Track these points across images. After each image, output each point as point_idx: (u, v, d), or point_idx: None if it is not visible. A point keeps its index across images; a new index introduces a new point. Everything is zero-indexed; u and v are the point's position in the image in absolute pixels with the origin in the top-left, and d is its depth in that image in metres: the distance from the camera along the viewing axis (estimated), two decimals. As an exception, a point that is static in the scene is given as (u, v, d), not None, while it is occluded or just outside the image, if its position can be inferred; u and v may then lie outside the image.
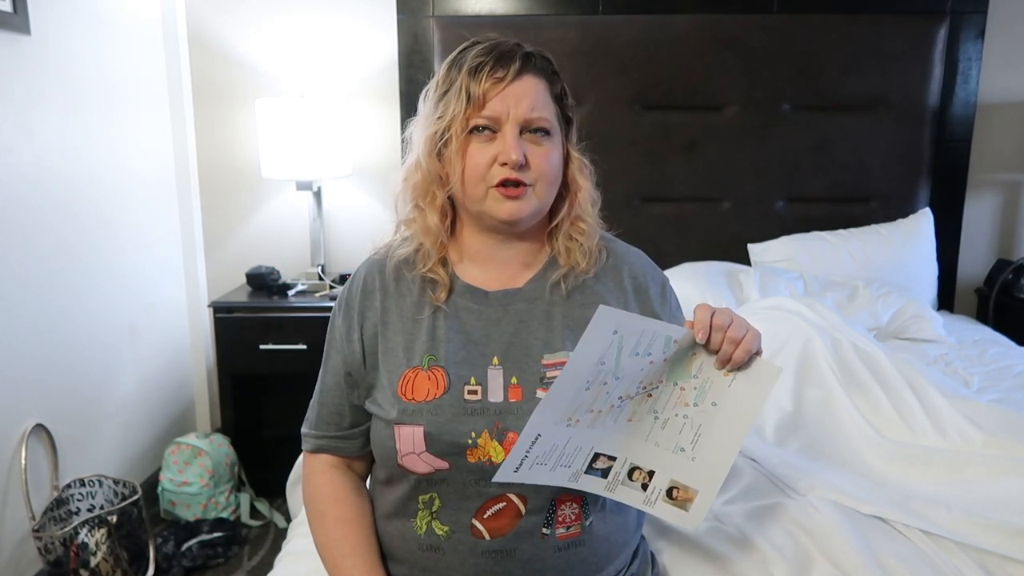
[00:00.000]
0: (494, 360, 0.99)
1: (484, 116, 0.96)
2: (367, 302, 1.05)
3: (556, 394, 0.86)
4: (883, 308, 2.24)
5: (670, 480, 0.94)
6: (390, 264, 1.06)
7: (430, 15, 2.54)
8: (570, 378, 0.86)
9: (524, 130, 0.97)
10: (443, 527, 0.98)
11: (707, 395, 0.92)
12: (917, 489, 1.40)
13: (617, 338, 0.85)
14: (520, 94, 0.96)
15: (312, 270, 2.63)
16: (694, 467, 0.93)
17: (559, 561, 0.98)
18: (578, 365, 0.85)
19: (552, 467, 0.90)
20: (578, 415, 0.89)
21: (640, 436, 0.92)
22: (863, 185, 2.60)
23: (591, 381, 0.87)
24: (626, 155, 2.56)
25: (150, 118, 2.53)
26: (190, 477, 2.37)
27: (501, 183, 0.96)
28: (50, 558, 1.94)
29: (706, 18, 2.52)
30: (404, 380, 0.99)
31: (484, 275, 1.05)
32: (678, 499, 0.93)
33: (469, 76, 0.96)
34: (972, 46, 2.52)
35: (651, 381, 0.91)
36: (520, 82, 0.96)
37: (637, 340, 0.87)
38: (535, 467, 0.89)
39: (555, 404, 0.87)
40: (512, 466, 0.88)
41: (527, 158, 0.96)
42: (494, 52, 0.97)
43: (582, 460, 0.92)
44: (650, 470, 0.93)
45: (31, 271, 1.99)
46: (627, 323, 0.86)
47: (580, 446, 0.91)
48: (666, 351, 0.89)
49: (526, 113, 0.96)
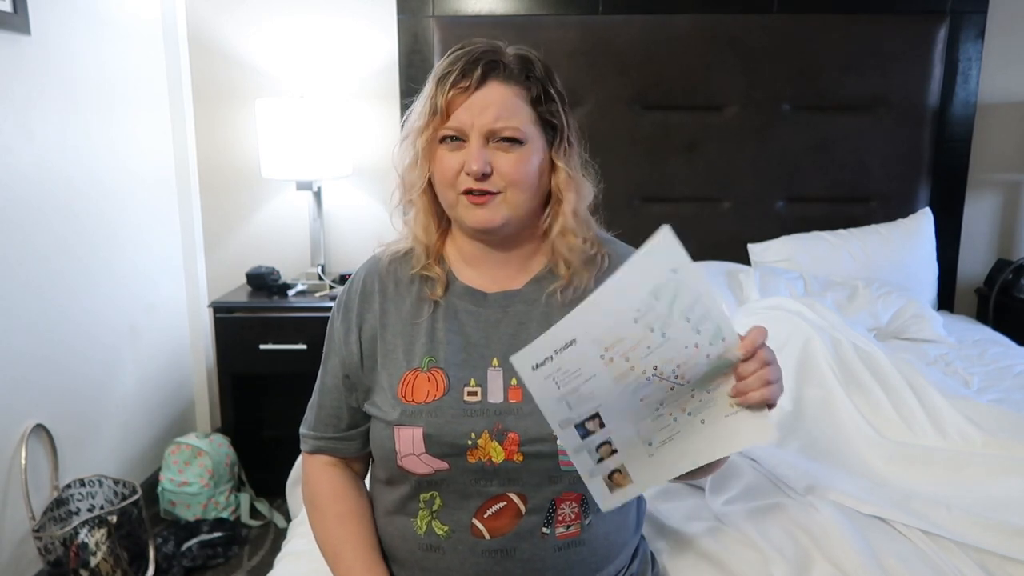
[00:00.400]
0: (494, 361, 0.99)
1: (450, 127, 0.96)
2: (366, 304, 1.05)
3: (604, 298, 0.82)
4: (883, 308, 2.24)
5: (621, 463, 0.91)
6: (389, 264, 1.06)
7: (430, 15, 2.54)
8: (621, 289, 0.82)
9: (491, 139, 0.95)
10: (443, 527, 0.99)
11: (703, 411, 0.89)
12: (917, 489, 1.40)
13: (675, 281, 0.81)
14: (485, 103, 0.94)
15: (312, 270, 2.63)
16: (647, 462, 0.91)
17: (559, 561, 0.98)
18: (631, 279, 0.81)
19: (560, 397, 0.86)
20: (615, 352, 0.84)
21: (634, 419, 0.89)
22: (863, 185, 2.60)
23: (640, 314, 0.82)
24: (626, 155, 2.56)
25: (150, 118, 2.53)
26: (190, 477, 2.37)
27: (467, 191, 0.96)
28: (50, 558, 1.94)
29: (706, 18, 2.52)
30: (404, 382, 0.99)
31: (481, 277, 1.04)
32: (614, 481, 0.91)
33: (436, 86, 0.96)
34: (972, 46, 2.52)
35: (684, 374, 0.86)
36: (484, 90, 0.95)
37: (692, 303, 0.82)
38: (549, 380, 0.84)
39: (602, 309, 0.82)
40: (534, 359, 0.84)
41: (494, 166, 0.95)
42: (460, 61, 0.95)
43: (583, 411, 0.88)
44: (614, 449, 0.90)
45: (31, 271, 1.99)
46: (687, 271, 0.81)
47: (593, 394, 0.86)
48: (712, 345, 0.85)
49: (490, 123, 0.94)
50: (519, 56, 0.98)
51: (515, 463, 0.95)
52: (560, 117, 1.00)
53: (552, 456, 0.95)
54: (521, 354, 0.84)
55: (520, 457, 0.95)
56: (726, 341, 0.86)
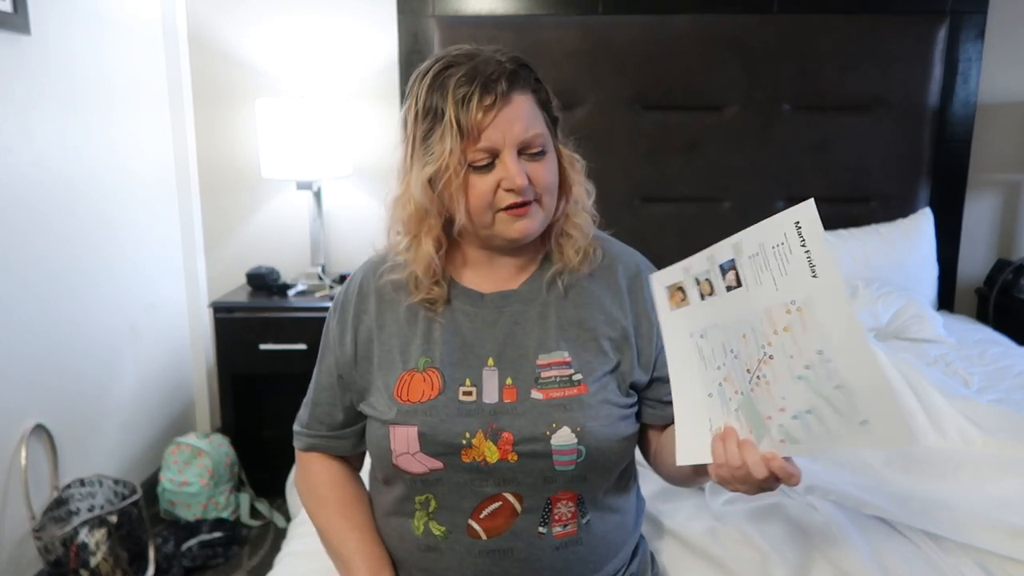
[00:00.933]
0: (489, 361, 0.99)
1: (481, 149, 0.92)
2: (362, 306, 1.05)
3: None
4: (883, 308, 2.24)
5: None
6: (387, 268, 1.05)
7: (430, 15, 2.54)
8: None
9: (522, 151, 0.95)
10: (440, 527, 0.99)
11: (713, 412, 0.86)
12: (917, 489, 1.40)
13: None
14: (512, 117, 0.93)
15: (312, 270, 2.63)
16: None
17: (557, 560, 0.98)
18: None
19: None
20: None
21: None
22: (863, 185, 2.60)
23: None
24: (626, 155, 2.56)
25: (150, 118, 2.53)
26: (190, 477, 2.37)
27: (508, 206, 0.95)
28: (50, 558, 1.94)
29: (706, 18, 2.52)
30: (400, 383, 0.99)
31: (480, 278, 1.05)
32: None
33: (458, 107, 0.91)
34: (972, 46, 2.52)
35: (762, 382, 0.81)
36: (510, 104, 0.93)
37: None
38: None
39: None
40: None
41: (530, 176, 0.95)
42: (478, 79, 0.91)
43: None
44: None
45: (31, 271, 1.99)
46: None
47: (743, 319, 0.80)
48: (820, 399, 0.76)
49: (521, 135, 0.93)
50: (516, 59, 0.97)
51: (509, 463, 0.95)
52: (559, 111, 1.01)
53: (546, 456, 0.95)
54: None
55: (514, 457, 0.95)
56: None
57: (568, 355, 0.99)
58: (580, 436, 0.95)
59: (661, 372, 1.03)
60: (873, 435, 0.71)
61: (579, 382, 0.98)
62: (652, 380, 1.04)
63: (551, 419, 0.95)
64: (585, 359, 0.99)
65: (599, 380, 0.99)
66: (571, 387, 0.97)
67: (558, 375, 0.98)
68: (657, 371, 1.03)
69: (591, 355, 1.00)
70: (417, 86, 0.96)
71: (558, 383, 0.97)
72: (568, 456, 0.95)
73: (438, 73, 0.94)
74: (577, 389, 0.97)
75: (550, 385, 0.97)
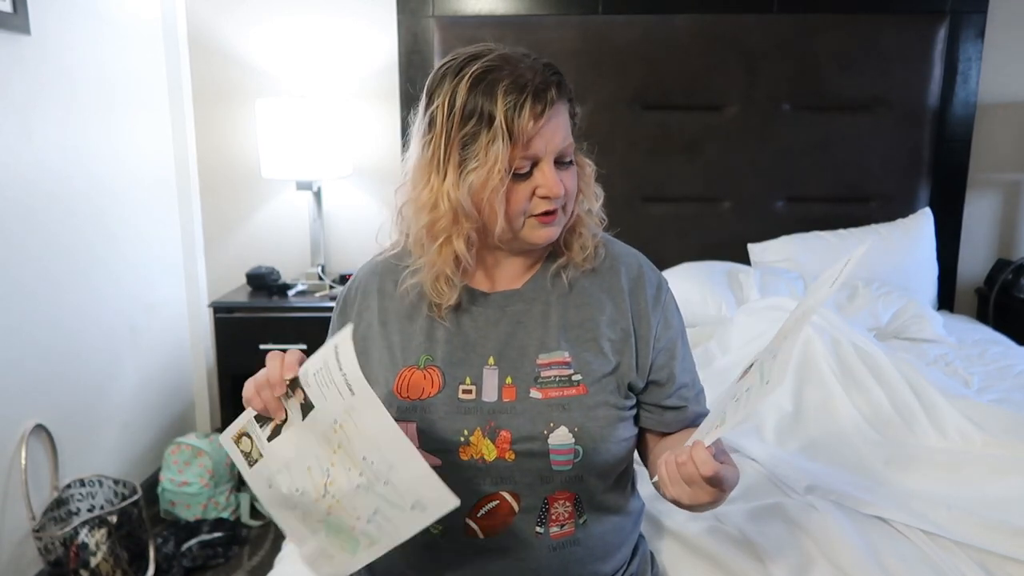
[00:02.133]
0: (490, 360, 0.99)
1: (526, 157, 0.92)
2: (365, 303, 1.06)
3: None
4: (883, 308, 2.24)
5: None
6: (391, 266, 1.06)
7: (430, 15, 2.54)
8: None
9: (557, 160, 0.96)
10: (437, 526, 0.98)
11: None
12: (917, 489, 1.40)
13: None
14: (555, 127, 0.93)
15: (312, 270, 2.63)
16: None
17: (554, 560, 0.98)
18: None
19: None
20: None
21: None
22: (863, 185, 2.60)
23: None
24: (626, 155, 2.56)
25: (150, 118, 2.53)
26: (190, 477, 2.37)
27: (543, 213, 0.96)
28: (50, 558, 1.94)
29: (706, 18, 2.52)
30: (400, 379, 1.00)
31: (485, 278, 1.05)
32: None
33: (510, 114, 0.90)
34: (972, 46, 2.52)
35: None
36: (555, 115, 0.93)
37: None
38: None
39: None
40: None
41: (563, 184, 0.96)
42: (528, 86, 0.90)
43: None
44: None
45: (31, 271, 1.99)
46: None
47: None
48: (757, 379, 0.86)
49: (560, 145, 0.95)
50: (553, 68, 0.96)
51: (507, 461, 0.95)
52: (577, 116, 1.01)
53: (544, 455, 0.95)
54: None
55: (512, 455, 0.95)
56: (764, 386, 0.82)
57: (568, 355, 0.99)
58: (577, 436, 0.95)
59: (657, 376, 1.03)
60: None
61: (578, 382, 0.98)
62: (648, 383, 1.04)
63: (549, 418, 0.95)
64: (585, 360, 0.99)
65: (599, 381, 0.99)
66: (570, 387, 0.97)
67: (557, 375, 0.98)
68: (653, 375, 1.03)
69: (591, 356, 1.00)
70: (450, 85, 0.93)
71: (557, 383, 0.98)
72: (565, 456, 0.95)
73: (480, 76, 0.91)
74: (576, 389, 0.97)
75: (549, 385, 0.97)
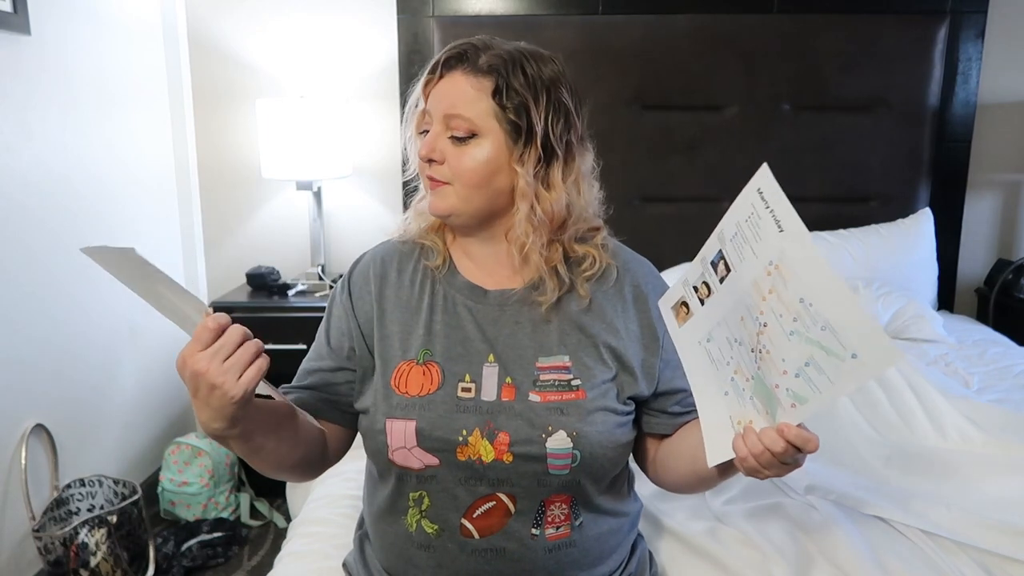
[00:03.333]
0: (489, 358, 0.99)
1: (426, 112, 0.99)
2: (366, 286, 1.05)
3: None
4: (883, 308, 2.24)
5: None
6: (394, 252, 1.07)
7: (430, 15, 2.54)
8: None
9: (452, 135, 0.96)
10: (432, 525, 0.98)
11: (733, 406, 0.86)
12: (917, 489, 1.40)
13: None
14: (444, 91, 0.97)
15: (312, 270, 2.63)
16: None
17: (550, 562, 0.98)
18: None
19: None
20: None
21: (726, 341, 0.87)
22: (863, 185, 2.60)
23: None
24: (626, 155, 2.56)
25: (150, 118, 2.53)
26: (190, 477, 2.37)
27: (428, 176, 0.99)
28: (50, 558, 1.94)
29: (706, 18, 2.52)
30: (398, 372, 0.99)
31: (481, 272, 1.05)
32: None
33: (425, 75, 1.00)
34: (972, 46, 2.52)
35: (765, 357, 0.81)
36: (446, 79, 0.97)
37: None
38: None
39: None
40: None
41: (445, 156, 0.97)
42: (442, 52, 0.99)
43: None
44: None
45: (31, 271, 1.99)
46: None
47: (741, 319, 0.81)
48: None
49: (447, 110, 0.96)
50: (502, 53, 0.96)
51: (504, 463, 0.95)
52: (527, 119, 0.94)
53: (541, 459, 0.95)
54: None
55: (509, 457, 0.95)
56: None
57: (568, 360, 0.99)
58: (575, 441, 0.95)
59: (667, 386, 1.02)
60: (866, 366, 0.72)
61: (577, 387, 0.97)
62: (657, 394, 1.03)
63: (547, 422, 0.95)
64: (585, 365, 0.99)
65: (598, 387, 0.98)
66: (569, 392, 0.97)
67: (556, 379, 0.97)
68: (662, 385, 1.02)
69: (592, 361, 0.99)
70: None
71: (556, 387, 0.97)
72: (563, 460, 0.95)
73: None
74: (575, 394, 0.97)
75: (548, 388, 0.97)
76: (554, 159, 0.97)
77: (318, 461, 1.04)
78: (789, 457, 0.80)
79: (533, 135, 0.95)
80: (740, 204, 0.82)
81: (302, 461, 0.99)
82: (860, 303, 0.72)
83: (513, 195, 0.98)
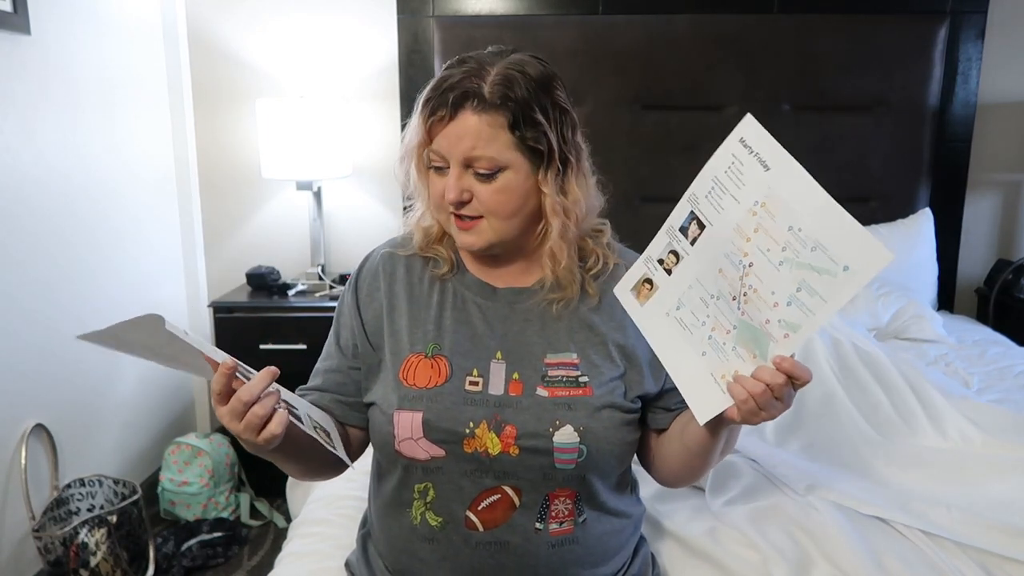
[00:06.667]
0: (497, 354, 1.00)
1: (434, 152, 0.96)
2: (375, 284, 1.06)
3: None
4: (883, 308, 2.24)
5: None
6: (402, 249, 1.08)
7: (430, 15, 2.54)
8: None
9: (471, 166, 0.95)
10: (437, 518, 0.99)
11: (715, 355, 0.86)
12: (917, 489, 1.40)
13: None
14: (460, 133, 0.93)
15: (312, 270, 2.63)
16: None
17: (552, 558, 0.99)
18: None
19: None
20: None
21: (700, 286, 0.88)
22: (863, 185, 2.60)
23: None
24: (626, 155, 2.56)
25: (150, 118, 2.53)
26: (190, 477, 2.37)
27: (454, 214, 0.98)
28: (50, 558, 1.94)
29: (706, 18, 2.52)
30: (406, 365, 1.00)
31: (490, 272, 1.05)
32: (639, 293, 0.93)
33: (420, 111, 0.96)
34: (972, 46, 2.52)
35: (750, 298, 0.81)
36: (458, 121, 0.93)
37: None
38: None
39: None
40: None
41: (473, 193, 0.95)
42: (440, 88, 0.94)
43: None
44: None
45: (31, 271, 1.99)
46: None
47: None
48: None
49: (466, 152, 0.93)
50: (502, 78, 0.93)
51: (511, 456, 0.96)
52: (546, 141, 0.95)
53: (548, 452, 0.95)
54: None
55: (516, 450, 0.96)
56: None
57: (576, 357, 1.00)
58: (582, 435, 0.95)
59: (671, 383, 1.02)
60: (858, 274, 0.75)
61: (585, 384, 0.98)
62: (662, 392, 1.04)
63: (555, 416, 0.96)
64: (593, 362, 1.00)
65: (606, 384, 0.99)
66: (576, 388, 0.98)
67: (564, 375, 0.98)
68: (668, 383, 1.03)
69: (599, 359, 1.00)
70: None
71: (564, 383, 0.98)
72: (569, 455, 0.96)
73: (446, 67, 0.98)
74: (582, 391, 0.98)
75: (556, 384, 0.98)
76: (568, 167, 0.99)
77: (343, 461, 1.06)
78: (784, 392, 0.80)
79: (552, 152, 0.97)
80: (718, 159, 0.84)
81: (331, 466, 1.06)
82: (844, 213, 0.76)
83: (539, 213, 0.99)
